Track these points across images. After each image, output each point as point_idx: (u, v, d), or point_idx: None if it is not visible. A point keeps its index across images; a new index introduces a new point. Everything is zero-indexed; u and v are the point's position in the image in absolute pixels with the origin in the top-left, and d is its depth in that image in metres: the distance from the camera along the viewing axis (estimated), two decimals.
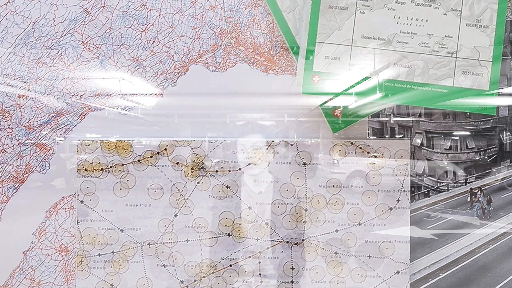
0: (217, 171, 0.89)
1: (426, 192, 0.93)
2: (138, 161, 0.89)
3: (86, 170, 0.89)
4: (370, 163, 0.90)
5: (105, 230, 0.89)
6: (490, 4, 0.84)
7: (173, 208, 0.89)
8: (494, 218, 0.94)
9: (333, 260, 0.91)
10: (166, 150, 0.89)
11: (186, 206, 0.89)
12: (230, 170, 0.89)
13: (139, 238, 0.90)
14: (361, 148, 0.90)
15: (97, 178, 0.89)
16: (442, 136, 0.94)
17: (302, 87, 0.85)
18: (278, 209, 0.90)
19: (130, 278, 0.90)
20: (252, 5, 0.89)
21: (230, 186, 0.89)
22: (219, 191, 0.90)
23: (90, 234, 0.89)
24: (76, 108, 0.89)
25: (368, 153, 0.90)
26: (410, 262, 0.90)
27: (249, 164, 0.89)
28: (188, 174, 0.89)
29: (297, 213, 0.90)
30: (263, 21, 0.89)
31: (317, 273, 0.91)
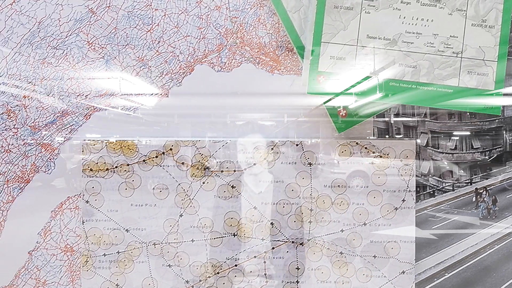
0: (222, 171, 0.89)
1: (432, 192, 0.93)
2: (144, 161, 0.89)
3: (91, 170, 0.89)
4: (374, 163, 0.90)
5: (110, 230, 0.89)
6: (496, 4, 0.84)
7: (178, 208, 0.89)
8: (500, 218, 0.94)
9: (338, 260, 0.91)
10: (171, 150, 0.89)
11: (191, 206, 0.89)
12: (235, 170, 0.89)
13: (145, 238, 0.90)
14: (366, 148, 0.90)
15: (102, 178, 0.89)
16: (448, 136, 0.94)
17: (308, 87, 0.85)
18: (283, 209, 0.90)
19: (136, 278, 0.90)
20: (257, 5, 0.88)
21: (235, 186, 0.89)
22: (224, 191, 0.89)
23: (95, 234, 0.89)
24: (81, 108, 0.89)
25: (373, 153, 0.90)
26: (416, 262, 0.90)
27: (254, 164, 0.89)
28: (193, 174, 0.89)
29: (302, 213, 0.90)
30: (269, 21, 0.89)
31: (322, 273, 0.91)
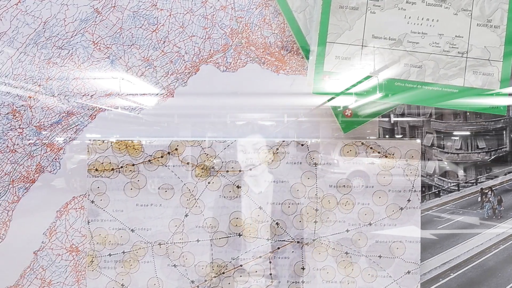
0: (227, 171, 0.89)
1: (437, 192, 0.93)
2: (149, 161, 0.89)
3: (96, 170, 0.89)
4: (380, 164, 0.89)
5: (115, 230, 0.89)
6: (501, 4, 0.84)
7: (183, 208, 0.89)
8: (505, 218, 0.94)
9: (343, 260, 0.91)
10: (176, 150, 0.89)
11: (196, 206, 0.89)
12: (240, 170, 0.89)
13: (150, 238, 0.90)
14: (371, 148, 0.90)
15: (107, 178, 0.89)
16: (453, 136, 0.94)
17: (313, 87, 0.85)
18: (288, 209, 0.90)
19: (141, 278, 0.90)
20: (262, 5, 0.89)
21: (240, 186, 0.89)
22: (230, 191, 0.89)
23: (100, 234, 0.89)
24: (86, 108, 0.89)
25: (378, 153, 0.90)
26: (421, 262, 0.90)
27: (259, 164, 0.89)
28: (198, 174, 0.89)
29: (307, 213, 0.90)
30: (274, 21, 0.89)
31: (327, 273, 0.91)
